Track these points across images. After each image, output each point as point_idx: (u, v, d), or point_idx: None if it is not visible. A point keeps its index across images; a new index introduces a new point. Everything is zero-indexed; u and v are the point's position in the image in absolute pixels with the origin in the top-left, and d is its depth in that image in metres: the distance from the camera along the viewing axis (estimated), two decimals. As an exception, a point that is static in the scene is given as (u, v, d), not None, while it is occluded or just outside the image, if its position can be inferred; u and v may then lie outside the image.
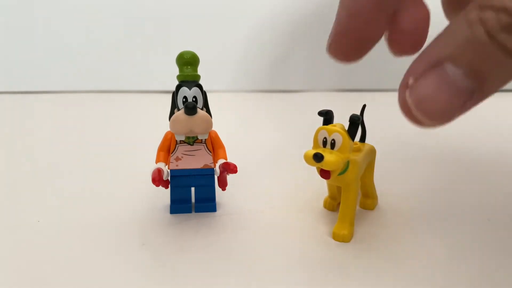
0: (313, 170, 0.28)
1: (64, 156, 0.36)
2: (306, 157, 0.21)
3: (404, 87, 0.19)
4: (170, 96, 0.24)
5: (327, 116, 0.22)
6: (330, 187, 0.26)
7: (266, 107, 0.58)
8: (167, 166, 0.24)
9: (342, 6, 0.21)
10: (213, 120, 0.24)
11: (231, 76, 0.67)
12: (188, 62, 0.23)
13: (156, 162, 0.24)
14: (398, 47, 0.23)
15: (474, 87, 0.18)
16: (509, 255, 0.21)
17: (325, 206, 0.26)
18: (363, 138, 0.26)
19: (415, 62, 0.19)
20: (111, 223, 0.24)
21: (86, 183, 0.30)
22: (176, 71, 0.24)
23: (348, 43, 0.20)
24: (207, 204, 0.25)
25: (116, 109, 0.57)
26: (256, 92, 0.66)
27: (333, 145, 0.21)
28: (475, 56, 0.18)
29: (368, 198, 0.26)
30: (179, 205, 0.25)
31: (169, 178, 0.25)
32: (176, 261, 0.20)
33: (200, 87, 0.23)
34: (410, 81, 0.19)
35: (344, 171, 0.22)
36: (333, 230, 0.23)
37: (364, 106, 0.26)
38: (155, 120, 0.35)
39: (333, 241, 0.22)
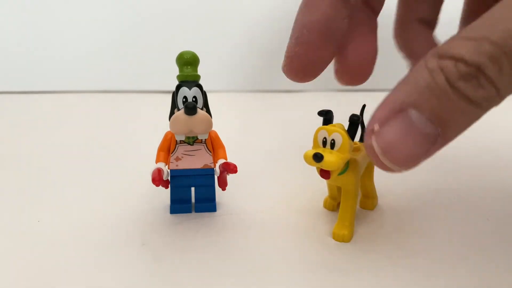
0: (313, 170, 0.28)
1: (64, 156, 0.36)
2: (306, 157, 0.21)
3: (369, 133, 0.19)
4: (170, 96, 0.24)
5: (327, 116, 0.22)
6: (330, 187, 0.26)
7: (266, 107, 0.58)
8: (167, 166, 0.24)
9: (291, 34, 0.22)
10: (213, 120, 0.24)
11: (231, 76, 0.67)
12: (188, 62, 0.23)
13: (156, 162, 0.24)
14: (344, 78, 0.24)
15: (438, 133, 0.19)
16: (509, 255, 0.21)
17: (325, 206, 0.26)
18: (363, 138, 0.26)
19: (379, 108, 0.19)
20: (111, 223, 0.24)
21: (86, 183, 0.30)
22: (176, 71, 0.24)
23: (298, 67, 0.22)
24: (207, 204, 0.25)
25: (116, 109, 0.57)
26: (256, 92, 0.66)
27: (333, 145, 0.21)
28: (438, 103, 0.18)
29: (368, 198, 0.26)
30: (179, 205, 0.25)
31: (169, 178, 0.25)
32: (176, 261, 0.20)
33: (200, 87, 0.23)
34: (376, 127, 0.19)
35: (344, 171, 0.22)
36: (333, 230, 0.23)
37: (364, 106, 0.26)
38: (155, 120, 0.35)
39: (333, 241, 0.22)
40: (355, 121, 0.21)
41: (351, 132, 0.21)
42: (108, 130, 0.45)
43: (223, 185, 0.25)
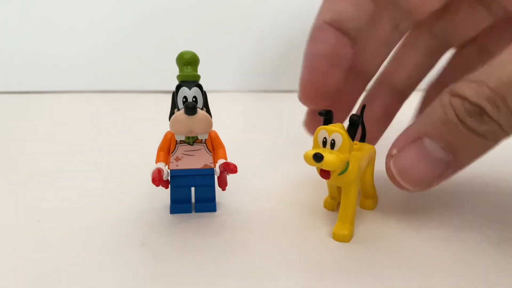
0: (313, 170, 0.28)
1: (63, 156, 0.36)
2: (306, 157, 0.21)
3: (389, 157, 0.23)
4: (170, 96, 0.24)
5: (327, 116, 0.22)
6: (330, 187, 0.26)
7: (266, 107, 0.58)
8: (167, 166, 0.24)
9: (303, 66, 0.25)
10: (213, 120, 0.24)
11: (231, 76, 0.67)
12: (188, 62, 0.23)
13: (156, 162, 0.24)
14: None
15: (450, 159, 0.21)
16: (510, 256, 0.21)
17: (325, 206, 0.26)
18: (363, 138, 0.26)
19: (398, 137, 0.23)
20: (111, 223, 0.24)
21: (86, 183, 0.30)
22: (176, 70, 0.24)
23: (311, 93, 0.25)
24: (207, 204, 0.25)
25: (116, 109, 0.57)
26: (256, 92, 0.66)
27: (333, 145, 0.21)
28: (449, 134, 0.21)
29: (368, 198, 0.26)
30: (179, 205, 0.25)
31: (169, 178, 0.25)
32: (176, 261, 0.20)
33: (200, 87, 0.23)
34: (394, 152, 0.23)
35: (344, 171, 0.22)
36: (333, 230, 0.23)
37: (364, 106, 0.26)
38: (155, 120, 0.35)
39: (333, 241, 0.22)
40: (355, 121, 0.21)
41: (351, 132, 0.21)
42: (108, 130, 0.45)
43: (223, 185, 0.25)
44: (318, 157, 0.20)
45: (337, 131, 0.21)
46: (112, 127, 0.47)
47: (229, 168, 0.23)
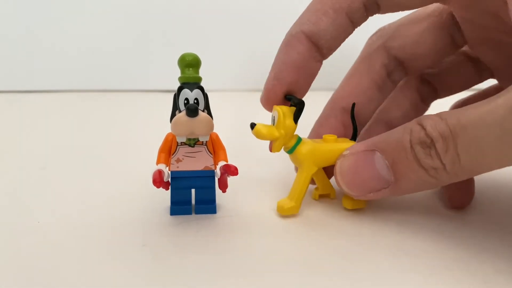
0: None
1: (63, 156, 0.36)
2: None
3: (340, 156, 0.25)
4: (170, 96, 0.24)
5: (292, 102, 0.24)
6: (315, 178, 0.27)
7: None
8: (167, 168, 0.24)
9: (271, 70, 0.25)
10: (214, 121, 0.24)
11: (231, 76, 0.67)
12: (190, 64, 0.23)
13: (157, 163, 0.24)
14: None
15: (391, 180, 0.22)
16: (505, 251, 0.21)
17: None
18: (354, 136, 0.27)
19: (356, 144, 0.24)
20: (112, 224, 0.24)
21: (86, 183, 0.30)
22: (176, 70, 0.24)
23: (274, 100, 0.25)
24: (207, 206, 0.25)
25: (116, 109, 0.57)
26: (256, 92, 0.66)
27: (273, 121, 0.24)
28: (397, 155, 0.22)
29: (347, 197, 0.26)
30: (179, 207, 0.25)
31: (169, 180, 0.25)
32: (176, 262, 0.20)
33: (201, 89, 0.23)
34: (345, 152, 0.24)
35: (291, 149, 0.25)
36: (278, 202, 0.25)
37: (354, 104, 0.27)
38: (156, 121, 0.35)
39: (333, 242, 0.22)
40: (296, 104, 0.24)
41: (296, 115, 0.24)
42: (108, 130, 0.45)
43: (223, 187, 0.25)
44: (251, 126, 0.24)
45: (276, 109, 0.24)
46: (112, 127, 0.47)
47: (230, 170, 0.23)
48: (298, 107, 0.24)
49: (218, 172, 0.24)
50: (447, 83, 0.30)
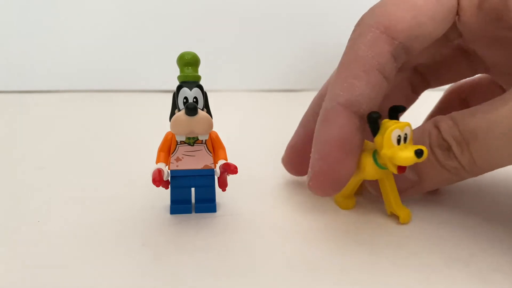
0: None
1: (63, 156, 0.36)
2: (405, 159, 0.21)
3: None
4: (170, 96, 0.24)
5: (391, 112, 0.23)
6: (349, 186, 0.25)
7: (266, 107, 0.58)
8: (167, 167, 0.24)
9: (313, 149, 0.23)
10: (213, 120, 0.24)
11: (230, 75, 0.67)
12: (189, 63, 0.23)
13: (157, 162, 0.24)
14: None
15: (416, 180, 0.24)
16: (505, 250, 0.21)
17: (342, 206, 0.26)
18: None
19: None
20: (111, 223, 0.24)
21: (86, 183, 0.30)
22: (176, 70, 0.24)
23: (325, 183, 0.23)
24: (207, 204, 0.25)
25: (116, 109, 0.57)
26: (256, 91, 0.66)
27: (405, 139, 0.22)
28: None
29: (351, 198, 0.26)
30: (179, 206, 0.25)
31: (169, 179, 0.25)
32: (176, 261, 0.20)
33: (201, 87, 0.23)
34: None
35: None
36: (401, 216, 0.24)
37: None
38: (155, 120, 0.35)
39: (334, 242, 0.22)
40: (373, 118, 0.22)
41: (373, 129, 0.22)
42: (108, 130, 0.45)
43: (223, 185, 0.25)
44: (419, 153, 0.21)
45: (407, 124, 0.22)
46: (112, 127, 0.47)
47: (230, 168, 0.23)
48: (376, 119, 0.22)
49: (218, 170, 0.24)
50: (440, 75, 0.30)
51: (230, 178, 0.25)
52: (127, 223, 0.24)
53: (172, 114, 0.24)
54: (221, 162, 0.24)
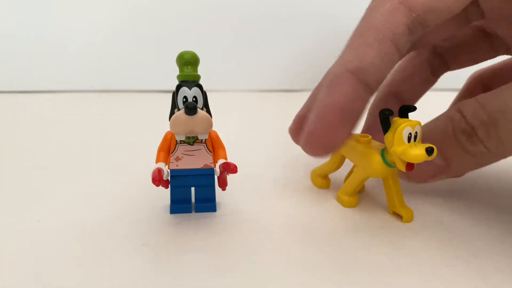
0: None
1: (63, 156, 0.36)
2: (414, 156, 0.21)
3: None
4: (170, 96, 0.24)
5: (401, 112, 0.23)
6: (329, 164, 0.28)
7: (266, 106, 0.58)
8: (167, 166, 0.24)
9: (313, 109, 0.23)
10: (213, 119, 0.24)
11: (230, 75, 0.67)
12: (188, 62, 0.23)
13: (156, 162, 0.24)
14: None
15: (444, 165, 0.24)
16: (505, 250, 0.21)
17: (317, 185, 0.28)
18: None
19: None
20: (111, 223, 0.24)
21: (86, 183, 0.30)
22: (176, 70, 0.24)
23: (317, 144, 0.23)
24: (207, 204, 0.25)
25: (116, 109, 0.57)
26: (256, 91, 0.66)
27: (415, 137, 0.22)
28: (444, 144, 0.23)
29: (354, 197, 0.26)
30: (179, 205, 0.25)
31: (169, 178, 0.25)
32: (176, 261, 0.20)
33: (200, 87, 0.23)
34: None
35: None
36: (404, 215, 0.24)
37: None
38: (155, 120, 0.35)
39: (334, 241, 0.22)
40: (386, 115, 0.23)
41: (385, 126, 0.23)
42: (108, 130, 0.45)
43: (223, 185, 0.25)
44: (430, 151, 0.21)
45: (418, 123, 0.22)
46: (112, 127, 0.47)
47: (229, 168, 0.23)
48: (389, 117, 0.23)
49: (217, 170, 0.24)
50: (460, 57, 0.30)
51: (230, 177, 0.25)
52: (127, 222, 0.24)
53: (172, 113, 0.24)
54: (221, 161, 0.24)
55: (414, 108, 0.23)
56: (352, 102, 0.22)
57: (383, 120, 0.23)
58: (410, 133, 0.22)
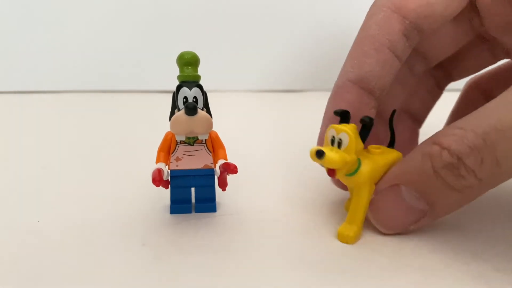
0: (314, 170, 0.28)
1: (63, 156, 0.36)
2: (310, 153, 0.21)
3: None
4: (170, 96, 0.24)
5: (341, 116, 0.22)
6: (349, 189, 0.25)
7: (267, 107, 0.58)
8: (167, 167, 0.24)
9: (322, 123, 0.24)
10: (213, 120, 0.24)
11: (230, 76, 0.67)
12: (188, 63, 0.23)
13: (156, 162, 0.24)
14: None
15: (426, 209, 0.21)
16: (505, 250, 0.21)
17: (346, 209, 0.26)
18: (391, 144, 0.25)
19: (379, 182, 0.22)
20: (111, 223, 0.24)
21: (86, 183, 0.30)
22: (176, 71, 0.24)
23: None
24: (207, 204, 0.25)
25: (116, 109, 0.57)
26: (257, 92, 0.66)
27: (339, 144, 0.21)
28: (424, 185, 0.20)
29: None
30: (179, 206, 0.25)
31: (169, 179, 0.25)
32: (176, 261, 0.20)
33: (200, 87, 0.23)
34: (372, 196, 0.22)
35: (354, 172, 0.22)
36: (339, 230, 0.22)
37: (394, 111, 0.25)
38: (155, 120, 0.35)
39: (335, 242, 0.22)
40: (367, 123, 0.21)
41: (363, 134, 0.21)
42: (108, 130, 0.45)
43: (223, 185, 0.25)
44: (319, 154, 0.20)
45: (345, 130, 0.21)
46: (112, 127, 0.47)
47: (229, 168, 0.23)
48: (369, 125, 0.21)
49: (217, 170, 0.24)
50: (462, 66, 0.29)
51: (230, 177, 0.25)
52: (127, 223, 0.24)
53: (172, 114, 0.24)
54: (221, 161, 0.24)
55: (347, 113, 0.22)
56: (357, 110, 0.23)
57: (362, 128, 0.21)
58: (333, 137, 0.21)
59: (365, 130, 0.21)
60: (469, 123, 0.19)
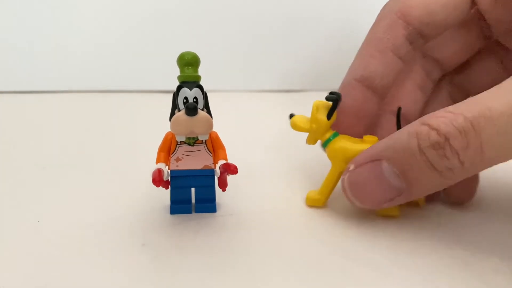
0: (314, 170, 0.28)
1: (63, 156, 0.36)
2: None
3: (346, 171, 0.24)
4: (170, 96, 0.24)
5: (332, 100, 0.24)
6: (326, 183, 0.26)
7: (267, 107, 0.58)
8: (167, 167, 0.24)
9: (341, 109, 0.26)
10: (214, 120, 0.24)
11: (231, 76, 0.67)
12: (189, 63, 0.23)
13: (157, 162, 0.24)
14: None
15: (403, 187, 0.21)
16: (504, 251, 0.21)
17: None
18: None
19: (361, 154, 0.23)
20: (111, 223, 0.24)
21: (86, 183, 0.30)
22: (176, 70, 0.24)
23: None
24: (207, 204, 0.25)
25: (116, 109, 0.57)
26: (257, 92, 0.66)
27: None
28: (407, 163, 0.21)
29: None
30: (179, 206, 0.25)
31: (169, 179, 0.25)
32: (176, 261, 0.20)
33: (201, 87, 0.23)
34: (351, 167, 0.23)
35: (325, 143, 0.25)
36: (307, 194, 0.26)
37: (400, 108, 0.25)
38: (155, 120, 0.35)
39: (334, 241, 0.22)
40: (332, 99, 0.24)
41: (331, 109, 0.24)
42: (108, 130, 0.45)
43: (223, 185, 0.25)
44: (290, 116, 0.26)
45: (315, 102, 0.25)
46: (112, 127, 0.47)
47: (230, 169, 0.23)
48: (334, 103, 0.24)
49: (217, 171, 0.24)
50: (479, 84, 0.29)
51: (230, 178, 0.25)
52: (127, 223, 0.24)
53: (172, 114, 0.24)
54: (221, 162, 0.24)
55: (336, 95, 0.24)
56: (362, 104, 0.26)
57: (333, 104, 0.24)
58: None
59: (332, 107, 0.24)
60: (459, 108, 0.19)
